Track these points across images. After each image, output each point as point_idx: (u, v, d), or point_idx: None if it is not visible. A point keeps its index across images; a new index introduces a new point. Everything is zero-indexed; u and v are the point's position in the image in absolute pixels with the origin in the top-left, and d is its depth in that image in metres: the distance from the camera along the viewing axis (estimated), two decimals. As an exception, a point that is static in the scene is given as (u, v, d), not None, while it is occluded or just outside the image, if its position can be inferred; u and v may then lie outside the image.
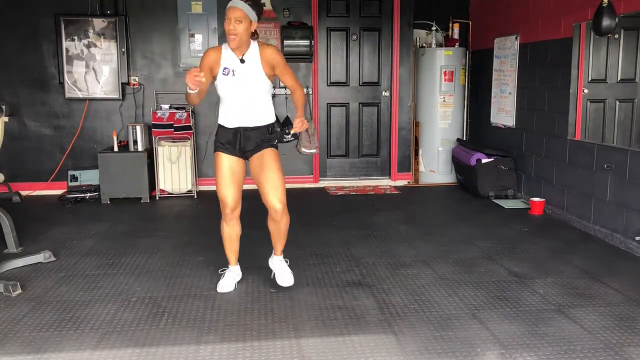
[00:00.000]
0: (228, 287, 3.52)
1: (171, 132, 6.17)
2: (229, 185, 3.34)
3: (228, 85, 3.24)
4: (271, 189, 3.31)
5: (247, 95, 3.25)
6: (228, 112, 3.31)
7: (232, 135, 3.33)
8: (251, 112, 3.29)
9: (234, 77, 3.22)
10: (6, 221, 4.26)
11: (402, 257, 4.18)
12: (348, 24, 6.90)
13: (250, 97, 3.26)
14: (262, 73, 3.24)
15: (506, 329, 2.99)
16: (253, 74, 3.23)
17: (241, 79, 3.23)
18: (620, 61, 5.54)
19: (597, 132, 5.48)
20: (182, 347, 2.82)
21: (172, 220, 5.43)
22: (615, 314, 3.17)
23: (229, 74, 3.23)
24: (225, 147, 3.35)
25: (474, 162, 6.06)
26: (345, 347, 2.80)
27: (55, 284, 3.68)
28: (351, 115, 7.06)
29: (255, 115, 3.30)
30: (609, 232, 4.52)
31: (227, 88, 3.25)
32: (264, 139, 3.35)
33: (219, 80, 3.26)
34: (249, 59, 3.23)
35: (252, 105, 3.28)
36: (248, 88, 3.24)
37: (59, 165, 6.47)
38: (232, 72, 3.22)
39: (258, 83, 3.25)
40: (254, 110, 3.29)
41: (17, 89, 6.37)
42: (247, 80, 3.23)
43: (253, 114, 3.30)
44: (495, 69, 6.36)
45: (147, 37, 6.50)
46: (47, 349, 2.80)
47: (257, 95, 3.27)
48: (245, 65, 3.22)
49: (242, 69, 3.22)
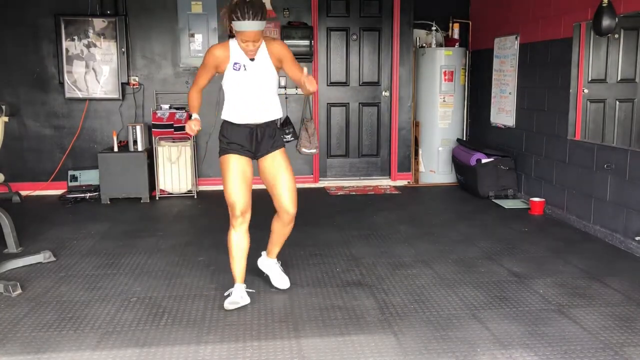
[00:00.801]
0: (237, 301, 3.28)
1: (171, 132, 6.17)
2: (240, 188, 3.22)
3: (239, 80, 3.19)
4: (286, 191, 3.27)
5: (258, 90, 3.22)
6: (237, 107, 3.24)
7: (246, 134, 3.25)
8: (262, 106, 3.25)
9: (245, 72, 3.17)
10: (6, 221, 4.26)
11: (402, 257, 4.18)
12: (348, 23, 6.90)
13: (261, 91, 3.22)
14: (272, 67, 3.22)
15: (506, 329, 2.99)
16: (263, 68, 3.20)
17: (252, 74, 3.18)
18: (620, 61, 5.53)
19: (597, 132, 5.47)
20: (182, 347, 2.82)
21: (172, 220, 5.43)
22: (615, 314, 3.17)
23: (240, 68, 3.17)
24: (234, 147, 3.25)
25: (474, 162, 6.06)
26: (345, 347, 2.80)
27: (55, 284, 3.68)
28: (351, 115, 7.06)
29: (266, 109, 3.26)
30: (608, 232, 4.52)
31: (237, 83, 3.20)
32: (275, 138, 3.31)
33: (229, 75, 3.19)
34: (258, 54, 3.19)
35: (263, 99, 3.24)
36: (259, 82, 3.21)
37: (59, 165, 6.47)
38: (243, 67, 3.17)
39: (268, 77, 3.23)
40: (264, 104, 3.25)
41: (17, 89, 6.37)
42: (258, 74, 3.20)
43: (264, 109, 3.25)
44: (495, 69, 6.36)
45: (147, 37, 6.50)
46: (47, 349, 2.80)
47: (268, 89, 3.24)
48: (256, 60, 3.19)
49: (252, 64, 3.18)
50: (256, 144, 3.28)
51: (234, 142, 3.25)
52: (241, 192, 3.22)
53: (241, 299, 3.30)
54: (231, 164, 3.24)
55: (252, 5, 2.96)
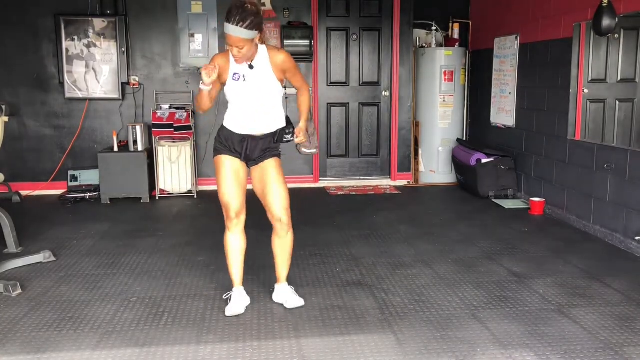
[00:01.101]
0: (238, 309, 3.23)
1: (171, 132, 6.17)
2: (232, 188, 3.17)
3: (239, 91, 3.12)
4: (274, 199, 3.18)
5: (259, 100, 3.13)
6: (237, 118, 3.17)
7: (238, 142, 3.19)
8: (262, 117, 3.17)
9: (244, 83, 3.10)
10: (6, 221, 4.26)
11: (402, 257, 4.18)
12: (348, 23, 6.90)
13: (262, 102, 3.14)
14: (273, 77, 3.12)
15: (506, 329, 2.99)
16: (264, 78, 3.11)
17: (252, 84, 3.10)
18: (620, 61, 5.53)
19: (597, 132, 5.48)
20: (182, 347, 2.83)
21: (172, 220, 5.43)
22: (615, 314, 3.17)
23: (240, 79, 3.09)
24: (227, 148, 3.20)
25: (474, 162, 6.06)
26: (345, 347, 2.80)
27: (55, 284, 3.68)
28: (351, 115, 7.06)
29: (266, 121, 3.18)
30: (608, 232, 4.52)
31: (237, 94, 3.13)
32: (269, 147, 3.23)
33: (229, 86, 3.13)
34: (257, 64, 3.10)
35: (263, 110, 3.16)
36: (259, 93, 3.12)
37: (59, 165, 6.47)
38: (242, 78, 3.09)
39: (269, 87, 3.14)
40: (265, 115, 3.17)
41: (17, 88, 6.37)
42: (258, 85, 3.11)
43: (264, 120, 3.18)
44: (495, 69, 6.36)
45: (147, 37, 6.50)
46: (47, 349, 2.80)
47: (269, 100, 3.16)
48: (255, 71, 3.09)
49: (252, 74, 3.09)
50: (245, 154, 3.21)
51: (228, 144, 3.20)
52: (235, 193, 3.17)
53: (241, 306, 3.25)
54: (225, 164, 3.19)
55: (243, 11, 2.86)
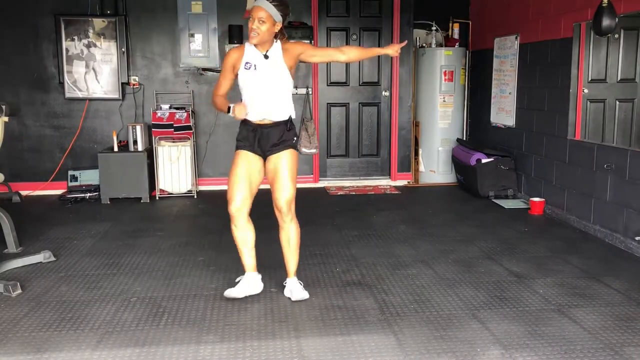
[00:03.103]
0: (235, 294, 3.37)
1: (171, 132, 6.17)
2: (238, 183, 3.28)
3: (250, 79, 3.28)
4: (278, 188, 3.30)
5: (267, 89, 3.28)
6: (248, 105, 3.29)
7: (250, 132, 3.32)
8: (271, 106, 3.30)
9: (255, 71, 3.26)
10: (6, 221, 4.26)
11: (402, 257, 4.18)
12: (348, 24, 6.90)
13: (270, 90, 3.29)
14: (284, 69, 3.29)
15: (506, 329, 2.99)
16: (275, 69, 3.28)
17: (263, 74, 3.27)
18: (620, 61, 5.53)
19: (597, 132, 5.47)
20: (182, 347, 2.82)
21: (172, 220, 5.43)
22: (615, 314, 3.17)
23: (251, 68, 3.26)
24: (243, 143, 3.35)
25: (474, 162, 6.06)
26: (345, 347, 2.80)
27: (55, 284, 3.68)
28: (351, 115, 7.06)
29: (275, 109, 3.31)
30: (608, 232, 4.52)
31: (248, 82, 3.28)
32: (283, 138, 3.33)
33: (241, 74, 3.29)
34: (271, 55, 3.28)
35: (272, 99, 3.30)
36: (269, 82, 3.28)
37: (59, 165, 6.47)
38: (254, 67, 3.26)
39: (279, 77, 3.29)
40: (274, 104, 3.30)
41: (17, 89, 6.37)
42: (269, 75, 3.27)
43: (273, 108, 3.31)
44: (495, 69, 6.36)
45: (147, 37, 6.50)
46: (47, 349, 2.80)
47: (278, 90, 3.30)
48: (269, 61, 3.27)
49: (264, 64, 3.26)
50: (258, 143, 3.32)
51: (244, 139, 3.35)
52: (239, 189, 3.28)
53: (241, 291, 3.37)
54: (238, 159, 3.34)
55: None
